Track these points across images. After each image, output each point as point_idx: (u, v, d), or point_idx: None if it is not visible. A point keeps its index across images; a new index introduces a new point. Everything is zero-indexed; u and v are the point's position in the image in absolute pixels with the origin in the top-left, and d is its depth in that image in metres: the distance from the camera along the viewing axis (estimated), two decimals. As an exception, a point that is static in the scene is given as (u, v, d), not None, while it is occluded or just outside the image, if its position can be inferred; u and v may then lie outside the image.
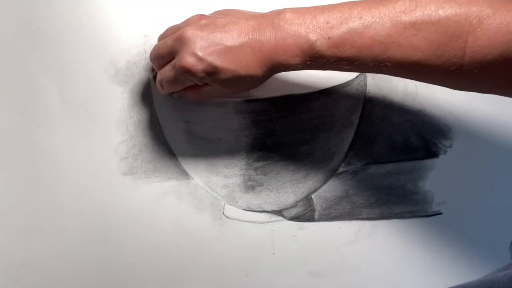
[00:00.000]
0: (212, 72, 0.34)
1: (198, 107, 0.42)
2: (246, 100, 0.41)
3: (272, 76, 0.37)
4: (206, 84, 0.36)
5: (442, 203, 0.49)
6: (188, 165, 0.46)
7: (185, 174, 0.46)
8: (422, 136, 0.48)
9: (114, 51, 0.44)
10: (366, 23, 0.32)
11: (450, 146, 0.48)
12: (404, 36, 0.32)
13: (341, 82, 0.43)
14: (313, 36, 0.33)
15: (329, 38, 0.32)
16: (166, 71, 0.37)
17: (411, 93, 0.47)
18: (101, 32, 0.43)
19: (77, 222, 0.46)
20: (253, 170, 0.44)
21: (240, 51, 0.34)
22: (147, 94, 0.44)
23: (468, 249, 0.50)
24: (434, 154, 0.48)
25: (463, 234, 0.49)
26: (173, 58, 0.36)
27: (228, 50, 0.34)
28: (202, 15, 0.36)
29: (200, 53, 0.34)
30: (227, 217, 0.48)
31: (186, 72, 0.34)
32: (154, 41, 0.44)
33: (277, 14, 0.34)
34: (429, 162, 0.48)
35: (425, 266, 0.50)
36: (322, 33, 0.32)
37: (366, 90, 0.46)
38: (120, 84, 0.44)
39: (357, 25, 0.32)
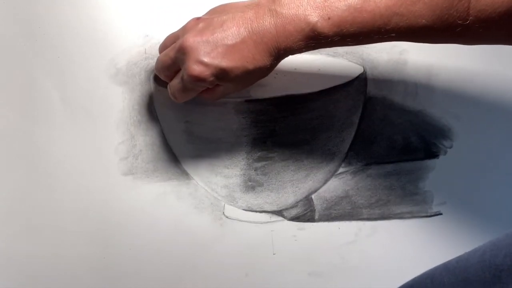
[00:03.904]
0: (221, 74, 0.34)
1: (198, 107, 0.42)
2: (246, 100, 0.41)
3: (273, 76, 0.37)
4: (218, 84, 0.36)
5: (442, 204, 0.49)
6: (188, 165, 0.46)
7: (185, 174, 0.46)
8: (422, 137, 0.48)
9: (114, 51, 0.43)
10: None
11: (450, 147, 0.48)
12: (405, 5, 0.31)
13: (341, 82, 0.43)
14: (313, 19, 0.32)
15: (329, 18, 0.32)
16: (176, 84, 0.37)
17: (411, 93, 0.47)
18: (101, 32, 0.43)
19: (77, 222, 0.46)
20: (253, 170, 0.44)
21: (243, 47, 0.33)
22: (147, 94, 0.44)
23: (468, 250, 0.50)
24: (434, 155, 0.48)
25: (463, 234, 0.49)
26: (179, 67, 0.36)
27: (231, 49, 0.33)
28: (198, 18, 0.36)
29: (205, 59, 0.33)
30: (227, 217, 0.48)
31: (196, 81, 0.34)
32: (154, 41, 0.44)
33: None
34: (429, 162, 0.48)
35: (425, 267, 0.50)
36: (322, 13, 0.32)
37: (366, 90, 0.46)
38: (120, 84, 0.44)
39: (356, 1, 0.31)
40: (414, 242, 0.49)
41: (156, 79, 0.44)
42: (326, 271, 0.49)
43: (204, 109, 0.42)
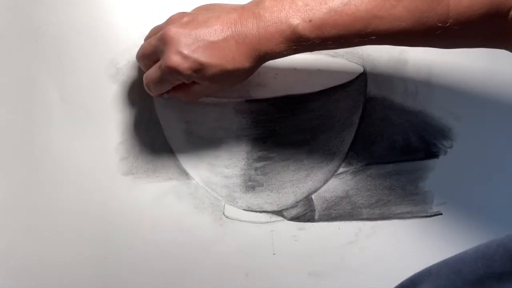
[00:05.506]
0: (199, 69, 0.34)
1: (198, 107, 0.42)
2: (246, 100, 0.41)
3: (273, 77, 0.37)
4: (194, 82, 0.36)
5: (442, 204, 0.49)
6: (188, 165, 0.46)
7: (185, 174, 0.46)
8: (422, 137, 0.48)
9: (115, 50, 0.43)
10: (345, 1, 0.32)
11: (451, 147, 0.48)
12: (385, 8, 0.32)
13: (341, 82, 0.43)
14: (294, 21, 0.32)
15: (310, 21, 0.32)
16: (152, 73, 0.37)
17: (412, 93, 0.47)
18: (102, 32, 0.43)
19: (77, 222, 0.46)
20: (253, 170, 0.45)
21: (224, 45, 0.33)
22: (147, 94, 0.44)
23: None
24: (434, 155, 0.48)
25: (463, 235, 0.49)
26: (158, 58, 0.36)
27: (212, 45, 0.33)
28: (184, 13, 0.36)
29: (185, 51, 0.33)
30: (227, 217, 0.48)
31: (173, 71, 0.34)
32: (154, 41, 0.44)
33: (257, 3, 0.34)
34: (429, 162, 0.48)
35: (425, 266, 0.50)
36: (303, 16, 0.32)
37: (366, 90, 0.46)
38: (120, 84, 0.44)
39: (336, 4, 0.32)
40: (414, 242, 0.49)
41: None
42: (326, 271, 0.49)
43: (204, 109, 0.42)
